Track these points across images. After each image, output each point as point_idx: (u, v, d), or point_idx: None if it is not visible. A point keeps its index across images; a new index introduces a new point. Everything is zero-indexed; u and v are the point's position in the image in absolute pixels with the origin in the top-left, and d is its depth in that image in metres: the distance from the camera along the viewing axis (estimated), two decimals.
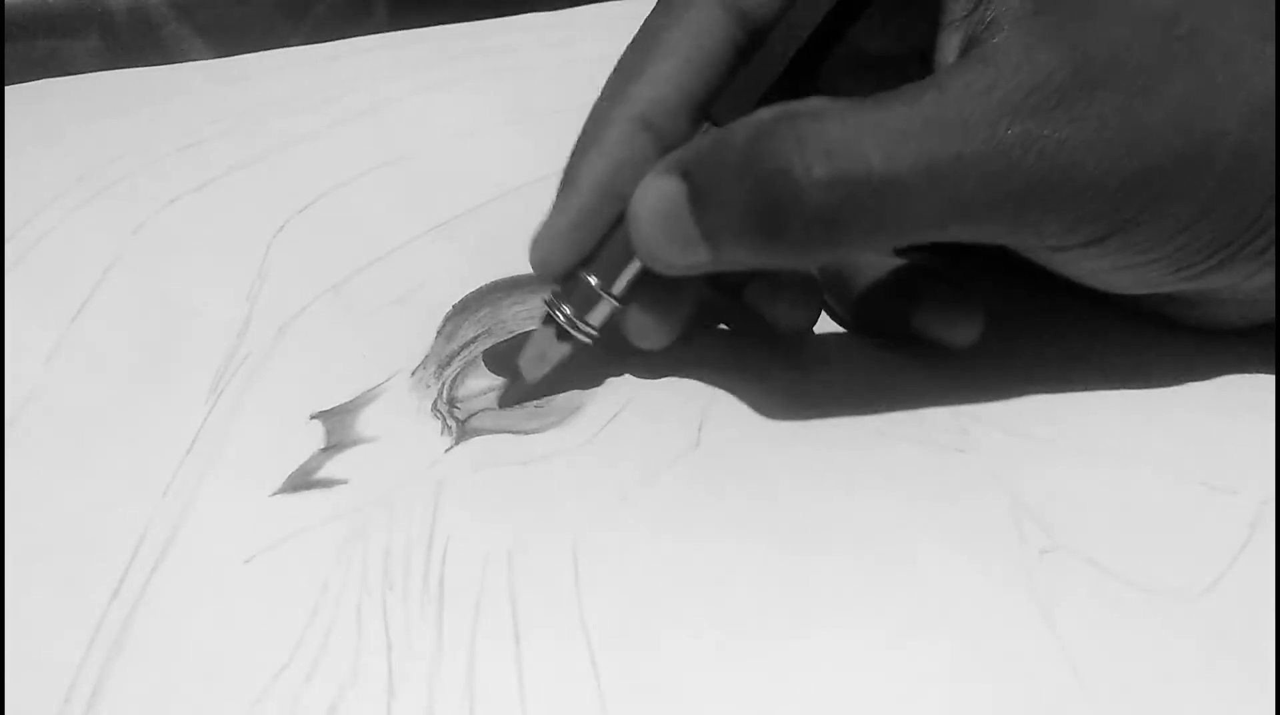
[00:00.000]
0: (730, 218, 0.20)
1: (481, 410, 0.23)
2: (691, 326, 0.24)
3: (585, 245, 0.23)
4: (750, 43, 0.22)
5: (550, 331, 0.23)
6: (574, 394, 0.24)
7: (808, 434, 0.22)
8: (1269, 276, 0.21)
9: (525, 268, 0.28)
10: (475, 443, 0.22)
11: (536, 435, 0.23)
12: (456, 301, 0.27)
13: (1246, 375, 0.24)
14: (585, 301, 0.22)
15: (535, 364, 0.23)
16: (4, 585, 0.19)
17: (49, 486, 0.21)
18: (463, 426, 0.23)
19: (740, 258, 0.21)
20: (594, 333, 0.23)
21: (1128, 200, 0.19)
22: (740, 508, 0.21)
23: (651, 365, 0.24)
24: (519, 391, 0.23)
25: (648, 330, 0.23)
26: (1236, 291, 0.22)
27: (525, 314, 0.26)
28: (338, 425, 0.23)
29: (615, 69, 0.24)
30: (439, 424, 0.23)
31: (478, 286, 0.27)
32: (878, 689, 0.17)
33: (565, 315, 0.23)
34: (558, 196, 0.23)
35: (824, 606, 0.19)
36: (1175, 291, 0.22)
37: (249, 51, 0.43)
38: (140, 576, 0.19)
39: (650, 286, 0.22)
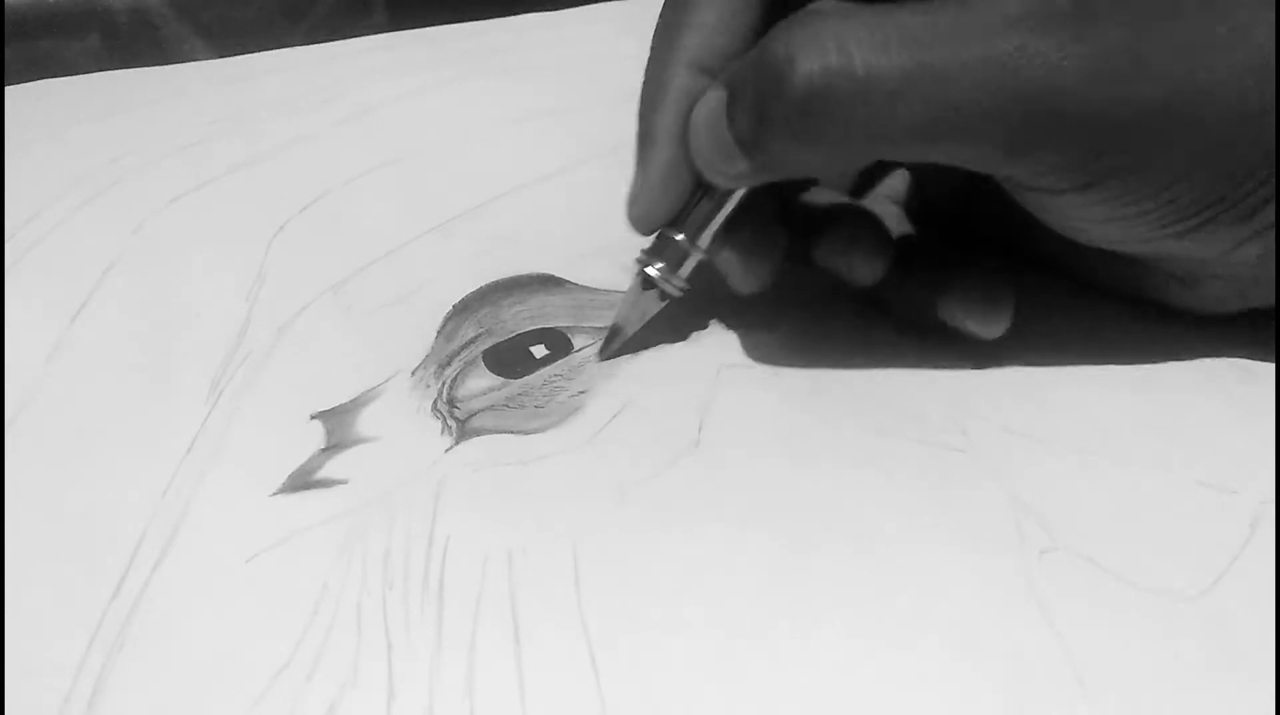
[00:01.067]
0: (745, 119, 0.21)
1: (481, 410, 0.23)
2: (778, 272, 0.25)
3: (678, 196, 0.23)
4: None
5: (643, 286, 0.24)
6: (574, 395, 0.24)
7: (808, 433, 0.22)
8: (1258, 248, 0.21)
9: (525, 267, 0.28)
10: (475, 443, 0.22)
11: (536, 435, 0.23)
12: (456, 301, 0.27)
13: (1247, 375, 0.24)
14: (675, 257, 0.24)
15: (633, 317, 0.24)
16: (4, 585, 0.19)
17: (49, 486, 0.21)
18: (463, 426, 0.23)
19: (767, 163, 0.21)
20: (684, 286, 0.24)
21: (1121, 139, 0.19)
22: (740, 507, 0.21)
23: (735, 314, 0.25)
24: (618, 345, 0.25)
25: (743, 275, 0.24)
26: (1230, 265, 0.22)
27: (525, 314, 0.26)
28: (338, 425, 0.23)
29: (657, 29, 0.24)
30: (439, 424, 0.23)
31: (478, 286, 0.27)
32: (878, 688, 0.17)
33: (658, 271, 0.24)
34: (638, 155, 0.24)
35: (824, 606, 0.19)
36: (1166, 255, 0.22)
37: (249, 51, 0.43)
38: (140, 576, 0.19)
39: (740, 233, 0.24)
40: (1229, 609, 0.18)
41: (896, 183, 0.28)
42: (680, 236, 0.24)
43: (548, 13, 0.47)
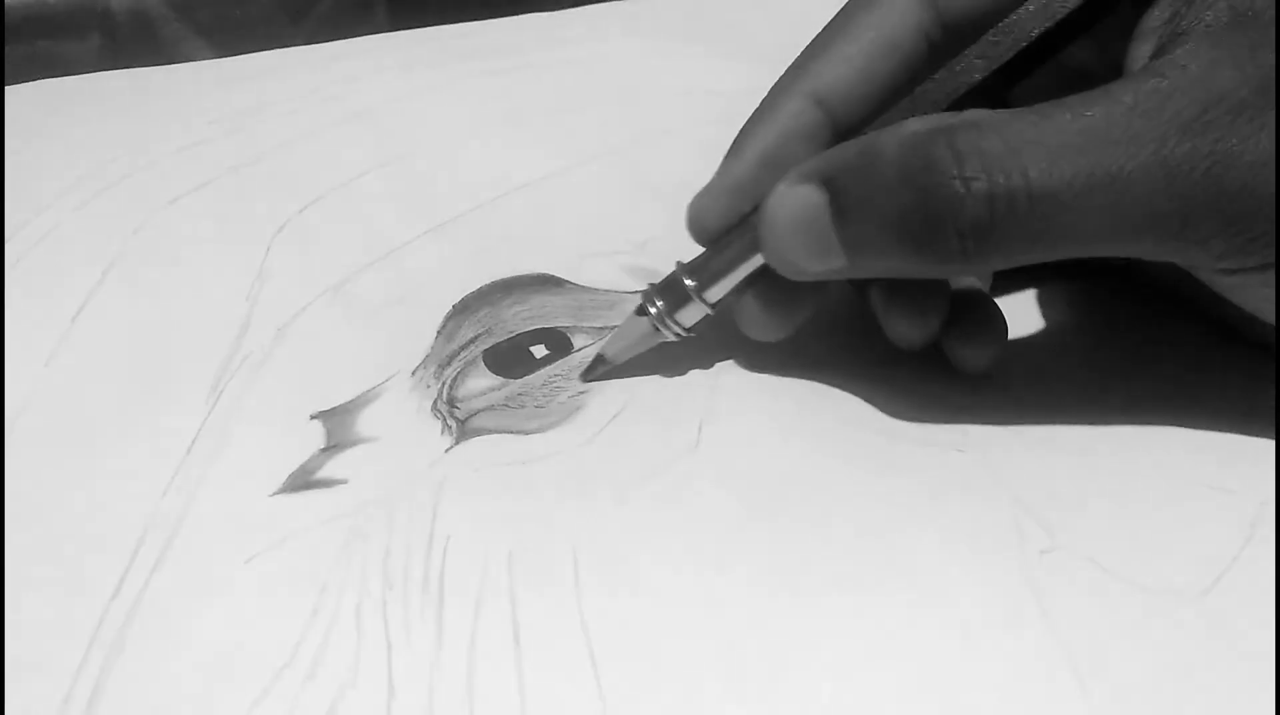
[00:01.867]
0: (879, 229, 0.20)
1: (481, 410, 0.23)
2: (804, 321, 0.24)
3: (739, 210, 0.23)
4: (946, 42, 0.22)
5: (643, 321, 0.23)
6: (574, 395, 0.24)
7: (807, 434, 0.22)
8: None
9: (525, 267, 0.28)
10: (475, 443, 0.22)
11: (536, 435, 0.23)
12: (456, 301, 0.27)
13: (1247, 375, 0.24)
14: (677, 301, 0.23)
15: (621, 349, 0.24)
16: (4, 585, 0.19)
17: (49, 486, 0.21)
18: (463, 426, 0.23)
19: (879, 267, 0.20)
20: (682, 333, 0.23)
21: (1260, 236, 0.18)
22: (740, 507, 0.21)
23: (748, 357, 0.24)
24: (600, 373, 0.24)
25: (760, 324, 0.23)
26: None
27: (525, 314, 0.26)
28: (338, 425, 0.23)
29: (807, 46, 0.23)
30: (439, 424, 0.23)
31: (478, 286, 0.27)
32: (878, 688, 0.17)
33: (657, 309, 0.23)
34: (723, 161, 0.23)
35: (824, 606, 0.19)
36: None
37: (249, 51, 0.43)
38: (140, 576, 0.19)
39: (770, 284, 0.22)
40: (1229, 609, 0.18)
41: None
42: (691, 283, 0.23)
43: (548, 13, 0.47)
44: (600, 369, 0.24)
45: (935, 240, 0.19)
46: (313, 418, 0.23)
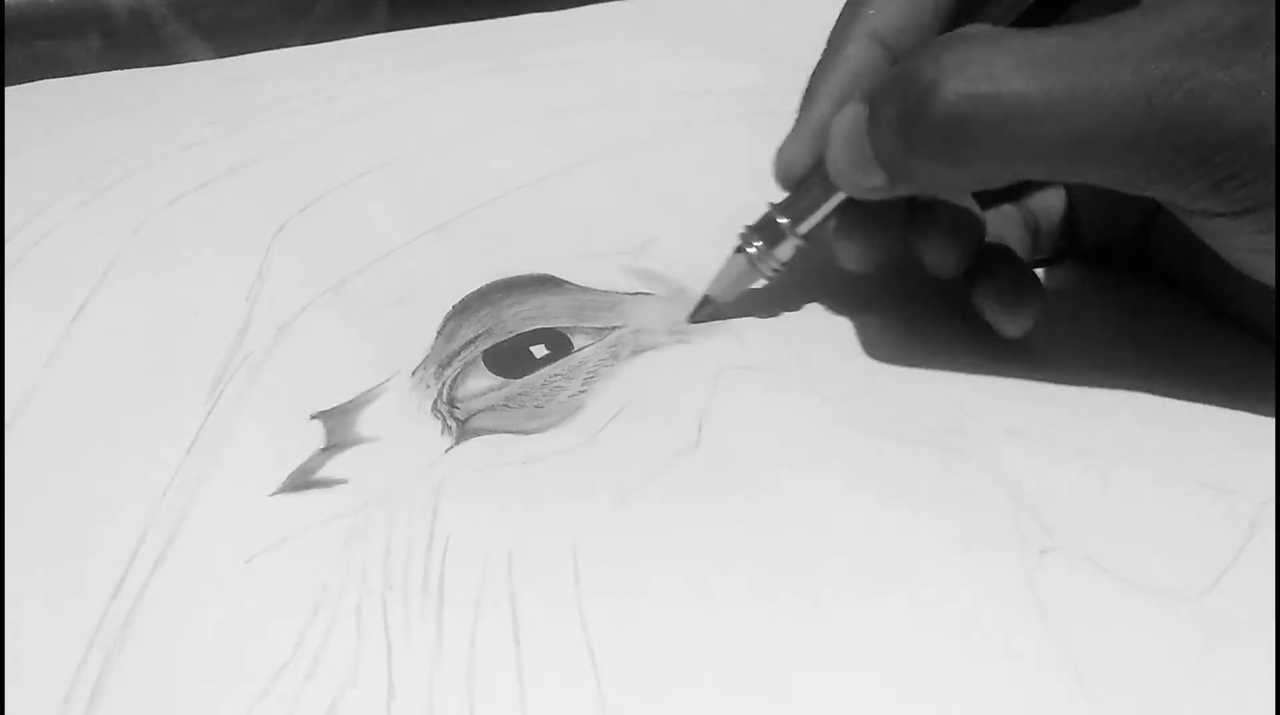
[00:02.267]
0: (885, 135, 0.21)
1: (482, 410, 0.23)
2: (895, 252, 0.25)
3: (819, 152, 0.24)
4: None
5: (741, 258, 0.25)
6: (574, 394, 0.24)
7: (808, 433, 0.22)
8: None
9: (525, 267, 0.28)
10: (475, 443, 0.22)
11: (536, 435, 0.23)
12: (456, 301, 0.27)
13: (1247, 375, 0.24)
14: (774, 239, 0.25)
15: (724, 288, 0.26)
16: (4, 585, 0.19)
17: (49, 486, 0.21)
18: (463, 426, 0.23)
19: (906, 178, 0.21)
20: (779, 267, 0.25)
21: (1263, 166, 0.18)
22: (740, 507, 0.21)
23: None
24: (706, 309, 0.26)
25: (852, 256, 0.25)
26: None
27: (525, 314, 0.26)
28: (338, 425, 0.23)
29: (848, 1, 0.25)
30: (439, 424, 0.23)
31: (478, 286, 0.27)
32: (878, 688, 0.17)
33: (756, 248, 0.25)
34: (800, 111, 0.25)
35: (823, 606, 0.19)
36: None
37: (249, 51, 0.43)
38: (140, 576, 0.19)
39: (854, 214, 0.24)
40: (1229, 609, 0.18)
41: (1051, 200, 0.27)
42: (784, 220, 0.24)
43: (548, 13, 0.47)
44: (707, 309, 0.26)
45: (916, 138, 0.20)
46: (313, 418, 0.23)
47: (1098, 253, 0.27)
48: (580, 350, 0.25)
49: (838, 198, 0.24)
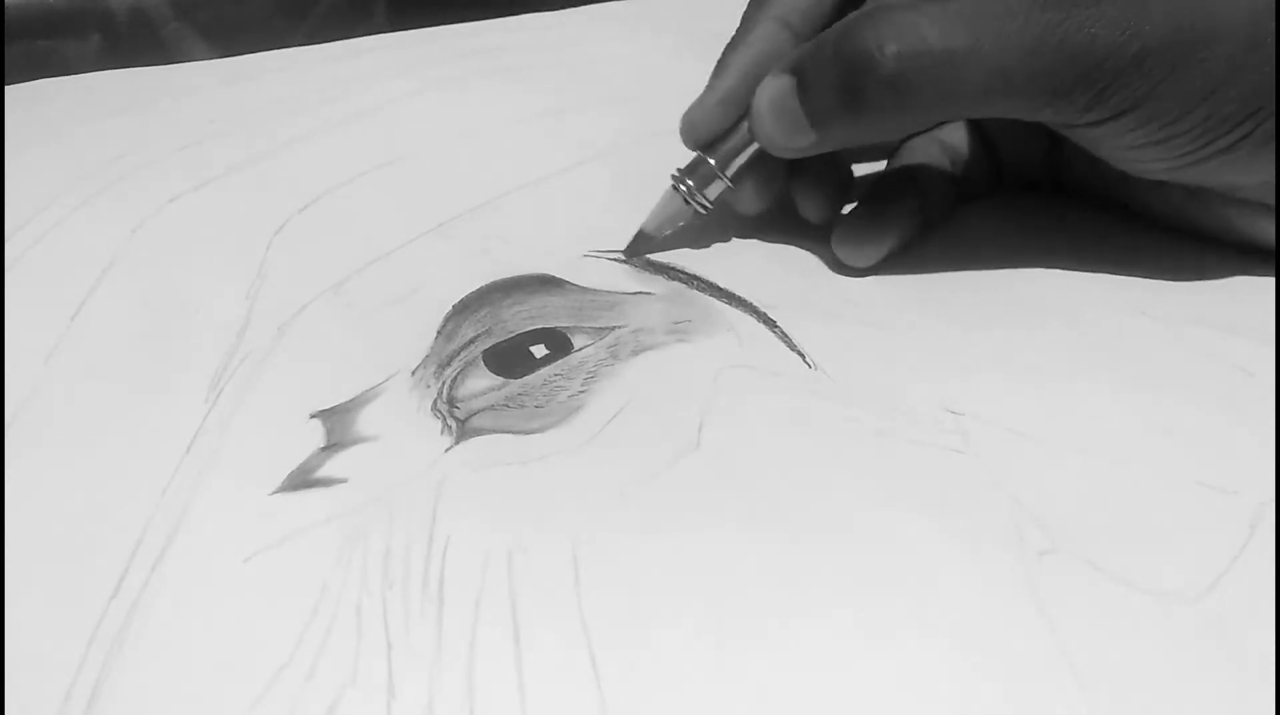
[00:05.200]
0: (826, 98, 0.25)
1: (481, 410, 0.23)
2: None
3: (727, 119, 0.28)
4: None
5: (676, 198, 0.28)
6: (574, 394, 0.24)
7: (808, 434, 0.22)
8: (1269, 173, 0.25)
9: (525, 267, 0.28)
10: (475, 443, 0.22)
11: (536, 435, 0.23)
12: (456, 301, 0.27)
13: (1247, 375, 0.24)
14: (704, 180, 0.28)
15: (661, 222, 0.29)
16: (4, 585, 0.19)
17: (49, 486, 0.21)
18: (463, 426, 0.23)
19: (837, 134, 0.26)
20: (708, 205, 0.28)
21: (1140, 72, 0.23)
22: (740, 507, 0.21)
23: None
24: (642, 242, 0.29)
25: (750, 202, 0.29)
26: (1247, 189, 0.25)
27: (525, 314, 0.26)
28: (338, 425, 0.23)
29: None
30: (439, 424, 0.23)
31: (478, 286, 0.27)
32: (877, 689, 0.17)
33: (688, 187, 0.28)
34: (710, 79, 0.28)
35: (823, 607, 0.19)
36: (1220, 184, 0.26)
37: (249, 51, 0.43)
38: (140, 576, 0.19)
39: (753, 169, 0.28)
40: (1229, 609, 0.18)
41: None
42: (712, 161, 0.28)
43: (548, 13, 0.47)
44: (642, 243, 0.29)
45: (862, 97, 0.24)
46: (312, 417, 0.23)
47: (1017, 182, 0.32)
48: (580, 350, 0.25)
49: (753, 148, 0.27)
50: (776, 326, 0.26)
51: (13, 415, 0.23)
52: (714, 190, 0.28)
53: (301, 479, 0.21)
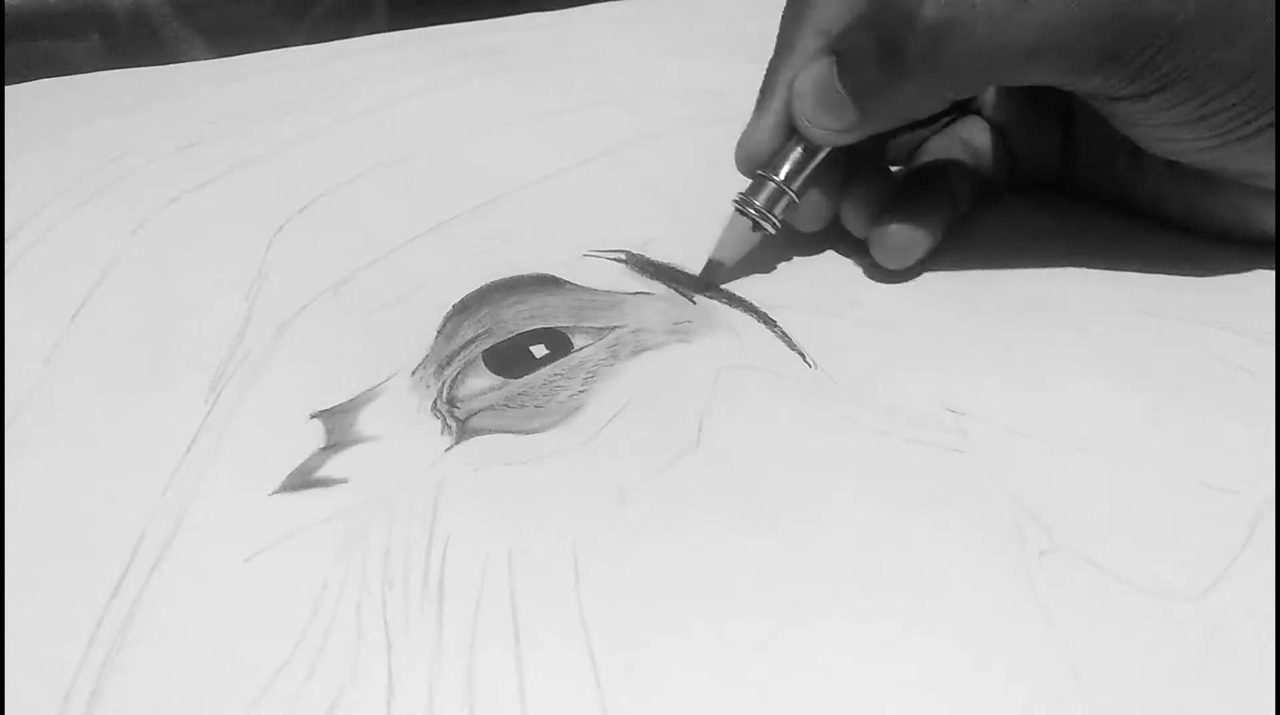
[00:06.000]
0: (866, 68, 0.24)
1: (481, 410, 0.23)
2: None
3: (781, 139, 0.27)
4: None
5: (742, 222, 0.27)
6: (574, 394, 0.24)
7: (808, 434, 0.22)
8: None
9: (525, 267, 0.28)
10: (475, 443, 0.22)
11: (536, 435, 0.23)
12: (456, 301, 0.27)
13: (1247, 375, 0.24)
14: (771, 199, 0.27)
15: (731, 249, 0.28)
16: (4, 585, 0.19)
17: (49, 486, 0.21)
18: (463, 426, 0.23)
19: (879, 109, 0.25)
20: (778, 223, 0.27)
21: (1191, 42, 0.23)
22: (740, 507, 0.21)
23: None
24: (713, 272, 0.28)
25: (812, 218, 0.28)
26: (1267, 177, 0.25)
27: (525, 314, 0.26)
28: (338, 424, 0.23)
29: (788, 2, 0.28)
30: (439, 424, 0.23)
31: (478, 286, 0.27)
32: (878, 689, 0.17)
33: (756, 208, 0.27)
34: (757, 103, 0.28)
35: (824, 607, 0.19)
36: (1250, 170, 0.26)
37: (249, 51, 0.43)
38: (140, 576, 0.19)
39: (814, 183, 0.28)
40: (1229, 609, 0.18)
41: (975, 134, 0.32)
42: (777, 178, 0.27)
43: (548, 13, 0.47)
44: (714, 273, 0.28)
45: (905, 55, 0.23)
46: (312, 417, 0.23)
47: (1028, 182, 0.32)
48: (580, 350, 0.25)
49: (816, 155, 0.27)
50: (776, 326, 0.26)
51: (13, 415, 0.23)
52: (781, 205, 0.27)
53: (301, 479, 0.21)
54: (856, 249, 0.29)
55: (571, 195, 0.32)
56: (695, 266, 0.28)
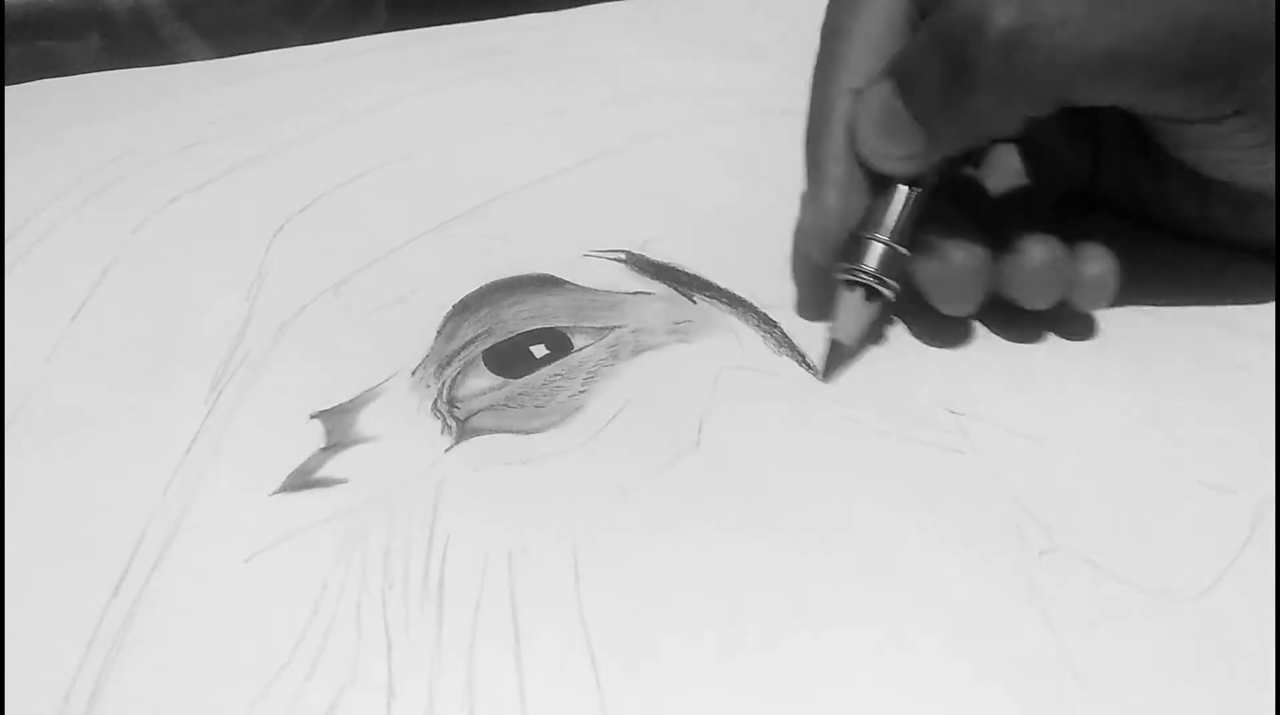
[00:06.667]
0: (931, 88, 0.22)
1: (481, 410, 0.23)
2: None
3: (854, 212, 0.24)
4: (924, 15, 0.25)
5: (857, 295, 0.24)
6: (574, 394, 0.24)
7: (807, 433, 0.22)
8: None
9: (525, 267, 0.28)
10: (475, 443, 0.22)
11: (536, 435, 0.23)
12: (456, 301, 0.27)
13: (1247, 375, 0.24)
14: (883, 261, 0.24)
15: (854, 328, 0.24)
16: (4, 585, 0.19)
17: (49, 486, 0.21)
18: (463, 426, 0.23)
19: (946, 131, 0.23)
20: (896, 286, 0.24)
21: (1265, 62, 0.21)
22: (740, 507, 0.21)
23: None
24: (840, 357, 0.25)
25: (949, 289, 0.25)
26: None
27: (525, 314, 0.26)
28: (338, 425, 0.23)
29: (817, 62, 0.26)
30: (439, 424, 0.23)
31: (478, 286, 0.27)
32: (877, 688, 0.17)
33: (869, 274, 0.24)
34: (809, 181, 0.25)
35: (824, 606, 0.19)
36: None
37: (249, 51, 0.42)
38: (140, 576, 0.19)
39: (928, 239, 0.24)
40: (1229, 609, 0.18)
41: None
42: (880, 237, 0.24)
43: (548, 13, 0.46)
44: (842, 358, 0.25)
45: (974, 68, 0.22)
46: (312, 417, 0.23)
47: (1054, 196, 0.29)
48: (580, 350, 0.25)
49: (909, 195, 0.24)
50: (777, 327, 0.26)
51: (13, 415, 0.23)
52: (893, 265, 0.24)
53: (302, 479, 0.21)
54: None
55: (571, 195, 0.32)
56: (695, 267, 0.28)
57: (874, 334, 0.25)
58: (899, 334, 0.26)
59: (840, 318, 0.24)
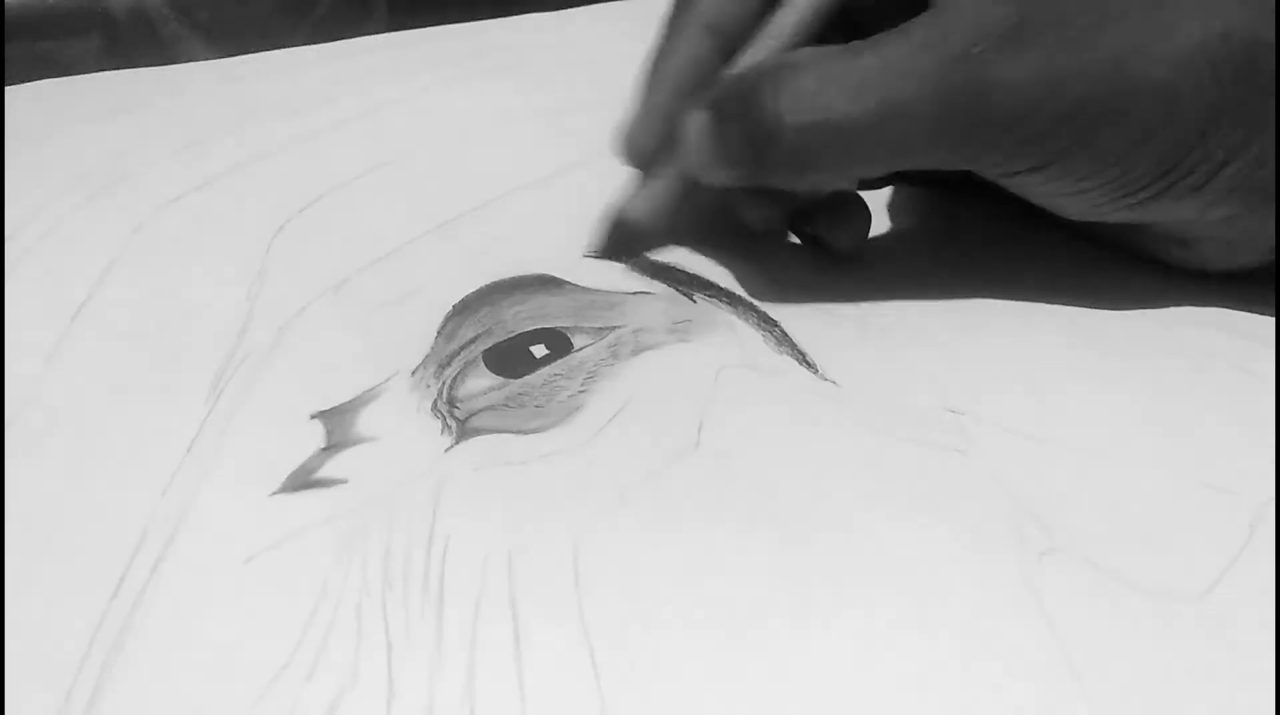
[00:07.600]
0: (735, 149, 0.24)
1: (481, 410, 0.23)
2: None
3: (665, 133, 0.27)
4: None
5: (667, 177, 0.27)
6: (574, 394, 0.24)
7: (808, 434, 0.22)
8: (1222, 212, 0.24)
9: (525, 267, 0.28)
10: (475, 443, 0.22)
11: (536, 435, 0.23)
12: (456, 301, 0.27)
13: (1247, 375, 0.24)
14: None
15: (643, 204, 0.28)
16: (4, 585, 0.19)
17: (49, 486, 0.21)
18: (463, 426, 0.23)
19: (755, 179, 0.25)
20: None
21: (1054, 134, 0.22)
22: (740, 507, 0.21)
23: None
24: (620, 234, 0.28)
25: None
26: (1208, 227, 0.24)
27: (525, 314, 0.26)
28: (338, 425, 0.23)
29: None
30: (439, 424, 0.23)
31: (478, 286, 0.27)
32: (877, 689, 0.17)
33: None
34: (640, 94, 0.28)
35: (823, 606, 0.19)
36: (1146, 222, 0.25)
37: (249, 51, 0.43)
38: (140, 576, 0.19)
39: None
40: (1229, 609, 0.18)
41: None
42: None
43: (548, 13, 0.47)
44: (622, 237, 0.28)
45: (767, 161, 0.24)
46: (312, 417, 0.23)
47: (923, 177, 0.31)
48: (580, 350, 0.25)
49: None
50: (777, 326, 0.26)
51: (13, 415, 0.23)
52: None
53: (302, 480, 0.21)
54: None
55: (571, 195, 0.32)
56: (695, 266, 0.28)
57: (750, 262, 0.28)
58: (899, 334, 0.26)
59: (637, 197, 0.28)
